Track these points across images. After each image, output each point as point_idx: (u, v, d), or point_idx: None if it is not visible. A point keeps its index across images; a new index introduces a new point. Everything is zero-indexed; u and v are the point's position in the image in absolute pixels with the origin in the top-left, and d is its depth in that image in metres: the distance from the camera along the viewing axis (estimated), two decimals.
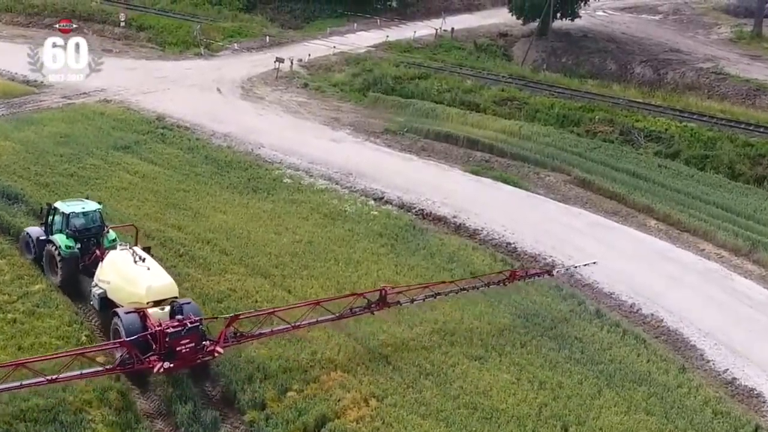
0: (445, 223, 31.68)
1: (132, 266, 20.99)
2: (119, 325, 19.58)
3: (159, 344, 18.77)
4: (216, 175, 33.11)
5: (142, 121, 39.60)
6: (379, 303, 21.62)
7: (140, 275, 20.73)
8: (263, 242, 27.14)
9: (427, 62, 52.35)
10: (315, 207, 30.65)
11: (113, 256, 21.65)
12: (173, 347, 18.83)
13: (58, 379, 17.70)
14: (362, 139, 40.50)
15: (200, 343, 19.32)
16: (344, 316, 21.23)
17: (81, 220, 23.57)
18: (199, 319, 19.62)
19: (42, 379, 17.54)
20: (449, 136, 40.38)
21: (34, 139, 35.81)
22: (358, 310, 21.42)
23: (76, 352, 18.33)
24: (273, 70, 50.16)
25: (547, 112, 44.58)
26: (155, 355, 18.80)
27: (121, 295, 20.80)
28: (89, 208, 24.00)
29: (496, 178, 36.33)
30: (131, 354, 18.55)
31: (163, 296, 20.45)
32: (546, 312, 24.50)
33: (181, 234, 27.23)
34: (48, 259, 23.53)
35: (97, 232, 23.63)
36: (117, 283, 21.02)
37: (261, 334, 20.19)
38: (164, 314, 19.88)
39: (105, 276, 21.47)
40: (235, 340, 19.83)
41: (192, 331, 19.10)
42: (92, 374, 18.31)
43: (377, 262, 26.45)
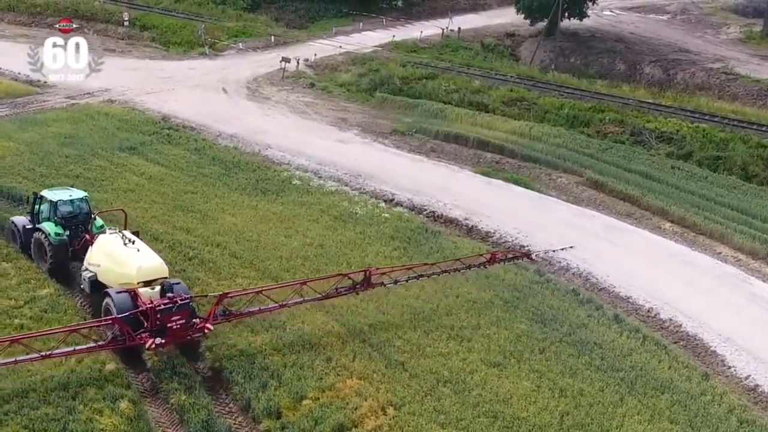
0: (457, 226, 31.16)
1: (122, 249, 21.54)
2: (110, 304, 20.10)
3: (150, 321, 19.38)
4: (224, 177, 32.58)
5: (147, 122, 39.07)
6: (363, 283, 22.33)
7: (130, 257, 21.26)
8: (274, 245, 26.61)
9: (434, 62, 51.84)
10: (325, 209, 30.11)
11: (103, 240, 22.20)
12: (164, 323, 19.45)
13: (52, 355, 18.23)
14: (370, 140, 39.98)
15: (190, 320, 19.93)
16: (330, 296, 21.97)
17: (68, 208, 24.14)
18: (189, 297, 20.31)
19: (36, 355, 18.08)
20: (459, 137, 39.85)
21: (38, 139, 35.27)
22: (343, 290, 22.15)
23: (69, 329, 18.97)
24: (279, 70, 49.64)
25: (556, 113, 44.08)
26: (147, 331, 19.39)
27: (111, 276, 21.28)
28: (76, 195, 24.60)
29: (507, 179, 35.80)
30: (123, 330, 19.07)
31: (153, 276, 20.96)
32: (563, 317, 23.97)
33: (189, 237, 26.70)
34: (37, 247, 23.89)
35: (84, 219, 24.15)
36: (107, 266, 21.49)
37: (249, 312, 20.82)
38: (154, 293, 20.42)
39: (95, 259, 21.93)
40: (224, 317, 20.52)
41: (182, 308, 19.73)
42: (86, 350, 18.91)
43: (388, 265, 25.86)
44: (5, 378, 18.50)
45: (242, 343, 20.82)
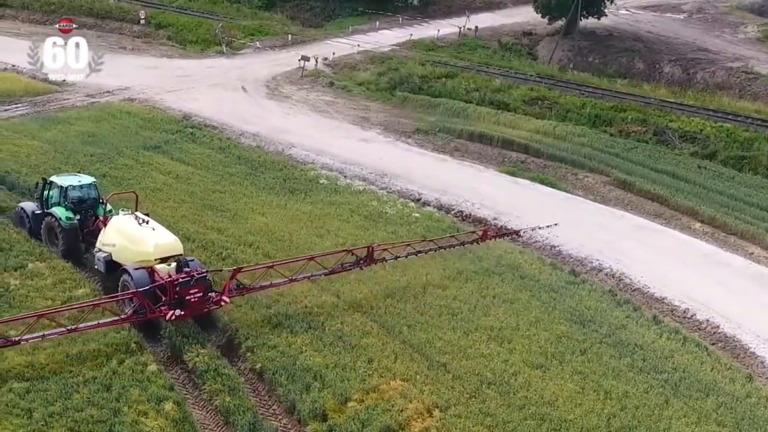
0: (485, 225, 30.84)
1: (137, 228, 22.29)
2: (128, 280, 20.93)
3: (169, 294, 20.21)
4: (250, 176, 32.36)
5: (169, 121, 38.85)
6: (366, 259, 23.40)
7: (147, 235, 22.05)
8: (306, 245, 26.34)
9: (452, 61, 51.55)
10: (354, 209, 29.87)
11: (116, 221, 22.87)
12: (183, 296, 20.28)
13: (77, 329, 18.93)
14: (393, 139, 39.74)
15: (207, 293, 20.77)
16: (335, 271, 23.08)
17: (78, 193, 24.74)
18: (205, 271, 21.18)
19: (62, 329, 18.76)
20: (483, 136, 39.63)
21: (62, 138, 35.10)
22: (348, 265, 23.26)
23: (92, 303, 19.72)
24: (297, 69, 49.42)
25: (578, 112, 43.83)
26: (166, 304, 20.19)
27: (127, 255, 21.90)
28: (85, 181, 25.23)
29: (533, 179, 35.59)
30: (144, 304, 19.88)
31: (169, 253, 21.79)
32: (602, 318, 23.73)
33: (221, 236, 26.47)
34: (47, 231, 24.50)
35: (93, 204, 24.75)
36: (123, 245, 22.16)
37: (261, 286, 21.82)
38: (171, 269, 21.27)
39: (109, 240, 22.64)
40: (239, 291, 21.50)
41: (200, 281, 20.59)
42: (108, 323, 19.58)
43: (424, 266, 25.62)
44: (48, 380, 18.30)
45: (282, 344, 20.58)
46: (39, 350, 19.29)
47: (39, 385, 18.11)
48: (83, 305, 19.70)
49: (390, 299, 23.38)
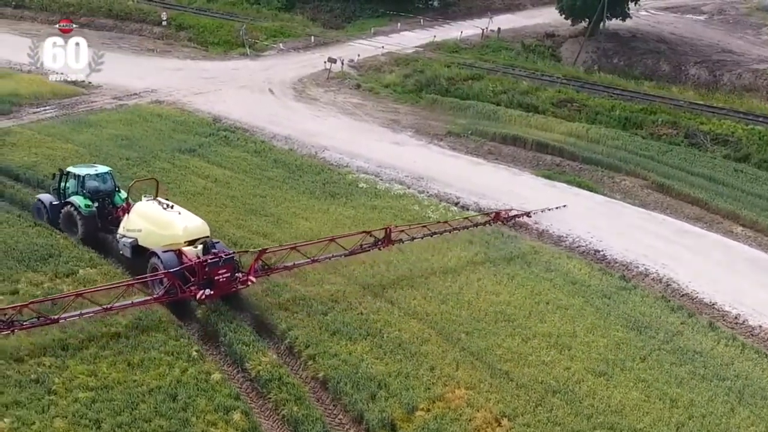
0: (527, 229, 30.62)
1: (163, 212, 23.20)
2: (158, 263, 21.85)
3: (198, 275, 21.15)
4: (289, 180, 32.09)
5: (200, 123, 38.61)
6: (384, 240, 24.45)
7: (174, 219, 22.97)
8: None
9: (477, 63, 51.28)
10: (397, 213, 29.60)
11: (141, 207, 23.79)
12: (212, 276, 21.24)
13: (113, 308, 19.80)
14: (425, 142, 39.46)
15: (234, 273, 21.73)
16: (354, 252, 24.00)
17: (95, 182, 25.71)
18: (233, 252, 22.25)
19: (99, 308, 19.60)
20: (516, 139, 39.30)
21: (96, 141, 34.88)
22: (367, 246, 24.20)
23: (127, 283, 20.70)
24: (323, 71, 49.18)
25: (607, 114, 43.50)
26: (195, 285, 21.15)
27: (154, 239, 22.75)
28: (101, 170, 26.23)
29: (570, 182, 35.28)
30: (174, 284, 20.80)
31: (196, 236, 22.69)
32: (658, 324, 23.47)
33: (267, 241, 26.13)
34: (66, 220, 25.38)
35: (110, 193, 25.79)
36: (150, 230, 23.02)
37: (285, 266, 22.86)
38: (198, 251, 22.17)
39: (134, 225, 23.54)
40: (264, 272, 22.49)
41: (228, 261, 21.58)
42: (142, 303, 20.56)
43: (475, 272, 25.42)
44: (112, 389, 18.06)
45: (343, 352, 20.32)
46: (100, 359, 19.09)
47: (104, 394, 17.87)
48: (118, 285, 20.53)
49: (444, 305, 23.12)
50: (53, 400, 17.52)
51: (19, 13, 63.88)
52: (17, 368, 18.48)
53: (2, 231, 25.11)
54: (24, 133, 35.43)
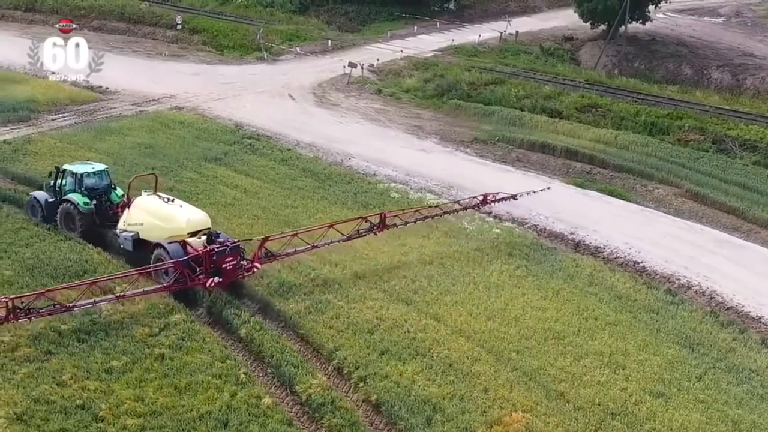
0: (563, 240, 30.00)
1: (165, 206, 23.99)
2: (163, 254, 22.55)
3: (206, 264, 21.99)
4: (320, 189, 31.43)
5: (224, 131, 37.91)
6: (379, 225, 25.33)
7: (176, 212, 23.76)
8: (393, 263, 25.50)
9: (498, 67, 50.58)
10: (432, 224, 28.87)
11: (141, 201, 24.38)
12: (219, 265, 22.11)
13: (126, 296, 20.67)
14: (452, 149, 38.81)
15: (240, 261, 22.58)
16: (352, 237, 24.85)
17: (92, 180, 26.08)
18: (238, 241, 23.12)
19: (112, 297, 20.50)
20: (545, 146, 38.63)
21: (119, 149, 34.18)
22: (363, 231, 25.11)
23: (138, 272, 21.44)
24: (342, 75, 48.52)
25: (633, 120, 42.82)
26: (203, 273, 21.94)
27: (157, 232, 23.38)
28: (98, 168, 26.66)
29: (602, 190, 34.66)
30: (184, 273, 21.59)
31: (199, 227, 23.49)
32: (710, 341, 22.88)
33: (305, 255, 25.50)
34: (64, 217, 25.73)
35: (106, 190, 26.22)
36: (152, 223, 23.60)
37: (287, 253, 23.58)
38: (201, 242, 22.92)
39: (135, 220, 24.09)
40: (267, 258, 23.21)
41: (234, 250, 22.53)
42: (153, 291, 21.40)
43: (518, 286, 24.81)
44: (161, 415, 17.48)
45: (393, 373, 19.70)
46: (146, 383, 18.52)
47: (153, 421, 17.32)
48: (130, 273, 21.44)
49: (492, 322, 22.50)
50: (101, 427, 17.01)
51: (30, 17, 63.06)
52: (61, 393, 17.97)
53: (33, 245, 24.55)
54: (45, 141, 34.76)
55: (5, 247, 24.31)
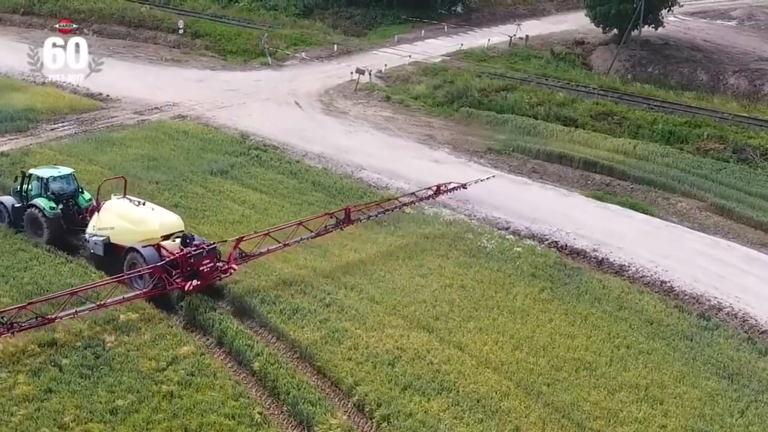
0: (585, 257, 28.68)
1: (136, 209, 23.81)
2: (138, 259, 22.33)
3: (182, 267, 21.84)
4: (331, 205, 29.98)
5: (230, 141, 36.58)
6: (345, 221, 25.69)
7: (149, 215, 23.66)
8: (411, 287, 24.17)
9: (509, 72, 49.30)
10: (451, 242, 27.64)
11: (111, 205, 24.20)
12: (196, 267, 21.98)
13: (106, 304, 20.16)
14: (465, 160, 37.49)
15: (217, 263, 22.54)
16: (320, 234, 25.15)
17: (59, 184, 25.89)
18: (214, 243, 23.04)
19: (93, 305, 19.93)
20: (562, 156, 37.29)
21: (121, 162, 32.84)
22: (331, 227, 25.44)
23: (116, 280, 21.21)
24: (349, 82, 47.23)
25: (650, 128, 41.56)
26: (180, 276, 21.74)
27: (129, 236, 23.18)
28: (65, 171, 26.45)
29: (623, 204, 33.35)
30: (161, 277, 21.29)
31: (172, 230, 23.37)
32: (749, 371, 21.58)
33: (318, 277, 24.25)
34: (30, 222, 25.48)
35: (73, 194, 26.04)
36: (124, 227, 23.42)
37: (260, 252, 23.64)
38: (176, 245, 22.73)
39: (105, 224, 23.84)
40: (242, 259, 23.11)
41: (211, 252, 22.51)
42: (132, 297, 20.99)
43: (545, 311, 23.51)
44: None
45: (418, 411, 18.40)
46: (154, 424, 17.21)
47: None
48: (108, 282, 21.07)
49: (519, 352, 21.21)
50: None
51: (28, 20, 61.74)
52: None
53: (32, 268, 23.27)
54: (44, 153, 33.39)
55: (2, 270, 23.03)
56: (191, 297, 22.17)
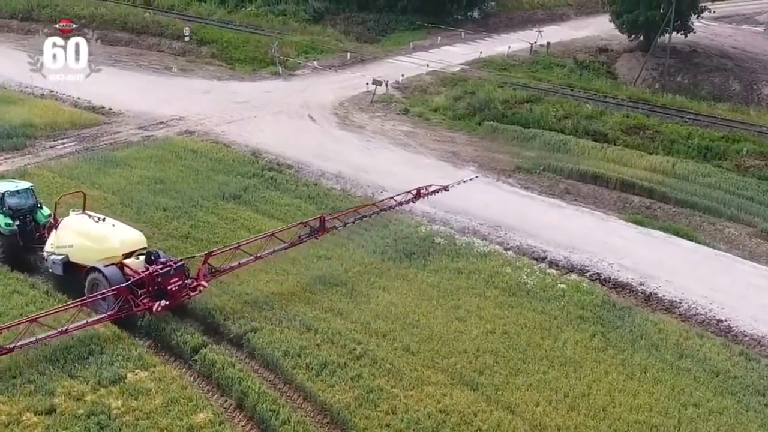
0: (631, 292, 26.33)
1: (96, 226, 22.49)
2: (100, 279, 21.00)
3: (148, 286, 20.76)
4: (353, 234, 27.61)
5: (241, 161, 34.15)
6: (319, 229, 24.39)
7: (109, 232, 22.39)
8: (450, 334, 21.76)
9: (532, 83, 46.90)
10: (487, 279, 25.22)
11: (70, 221, 22.87)
12: (164, 286, 20.84)
13: (68, 330, 18.91)
14: (493, 180, 35.06)
15: (185, 280, 21.31)
16: (294, 244, 23.90)
17: (16, 199, 24.52)
18: (181, 259, 21.83)
19: (54, 332, 18.69)
20: (597, 176, 34.85)
21: (125, 185, 30.54)
22: (304, 236, 24.12)
23: (78, 303, 19.83)
24: (365, 93, 44.86)
25: (685, 143, 39.19)
26: (147, 296, 20.62)
27: (88, 254, 21.87)
28: (22, 186, 25.13)
29: (666, 229, 30.91)
30: (127, 298, 20.13)
31: (134, 248, 22.19)
32: None
33: (346, 323, 21.84)
34: None
35: (31, 210, 24.75)
36: (83, 244, 22.09)
37: (231, 267, 22.45)
38: (140, 263, 21.65)
39: (63, 241, 22.53)
40: (212, 274, 22.00)
41: (179, 269, 21.28)
42: (96, 321, 19.76)
43: (599, 362, 21.09)
44: None
45: None
46: None
47: None
48: (69, 306, 19.76)
49: (576, 414, 18.82)
50: None
51: (27, 26, 59.19)
52: None
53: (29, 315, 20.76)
54: (43, 176, 30.93)
55: None
56: (207, 351, 19.84)
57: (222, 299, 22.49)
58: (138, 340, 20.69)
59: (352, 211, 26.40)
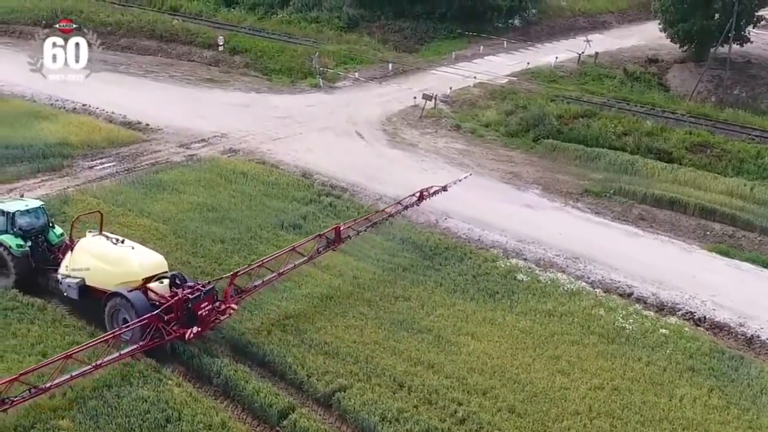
0: (730, 333, 24.33)
1: (114, 249, 21.35)
2: (123, 306, 19.86)
3: (176, 312, 19.54)
4: (429, 270, 25.63)
5: (295, 185, 32.03)
6: (336, 240, 24.09)
7: (128, 255, 21.23)
8: (556, 391, 19.70)
9: (585, 96, 44.72)
10: (581, 322, 23.14)
11: (87, 243, 21.74)
12: (195, 312, 19.81)
13: (102, 364, 17.97)
14: (560, 204, 32.97)
15: (214, 304, 20.31)
16: (313, 257, 23.47)
17: (27, 219, 23.41)
18: (210, 282, 20.75)
19: (89, 367, 17.77)
20: (674, 202, 32.69)
21: (176, 214, 28.51)
22: (322, 248, 23.80)
23: (112, 335, 18.52)
24: (411, 107, 42.79)
25: (754, 163, 37.17)
26: (177, 323, 19.51)
27: (106, 278, 20.82)
28: (32, 205, 23.98)
29: (755, 261, 28.84)
30: (158, 326, 19.01)
31: (155, 271, 21.08)
32: None
33: (440, 378, 19.79)
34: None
35: (43, 229, 23.59)
36: (101, 268, 21.02)
37: (255, 286, 21.68)
38: (164, 287, 20.58)
39: (79, 264, 21.43)
40: (238, 295, 21.18)
41: (209, 293, 20.24)
42: (129, 353, 18.75)
43: (723, 424, 19.08)
44: None
45: None
46: None
47: None
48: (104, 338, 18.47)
49: None
50: None
51: (50, 33, 57.12)
52: None
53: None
54: (86, 201, 28.94)
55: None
56: (297, 415, 17.78)
57: (300, 350, 20.49)
58: (215, 400, 18.66)
59: (364, 219, 26.09)
